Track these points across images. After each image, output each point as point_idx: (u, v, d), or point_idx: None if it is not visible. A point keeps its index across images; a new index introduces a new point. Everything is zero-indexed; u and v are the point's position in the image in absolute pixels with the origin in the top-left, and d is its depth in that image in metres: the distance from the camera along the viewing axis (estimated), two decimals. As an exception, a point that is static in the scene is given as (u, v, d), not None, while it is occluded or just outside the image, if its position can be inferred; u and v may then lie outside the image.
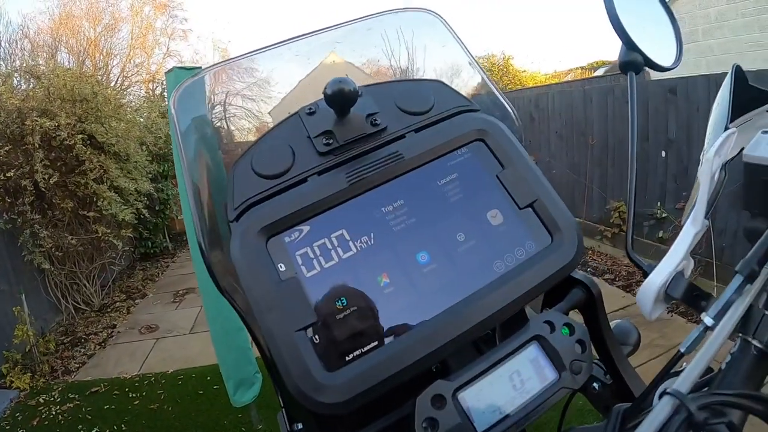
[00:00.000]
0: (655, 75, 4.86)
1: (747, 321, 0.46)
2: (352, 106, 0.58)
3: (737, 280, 0.46)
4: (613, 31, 0.78)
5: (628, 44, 0.77)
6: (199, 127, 0.70)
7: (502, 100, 0.69)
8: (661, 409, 0.41)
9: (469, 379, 0.49)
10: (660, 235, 4.75)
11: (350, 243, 0.53)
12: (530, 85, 13.10)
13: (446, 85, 0.67)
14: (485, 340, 0.61)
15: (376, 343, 0.49)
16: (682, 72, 5.59)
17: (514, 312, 0.52)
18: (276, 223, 0.53)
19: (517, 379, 0.50)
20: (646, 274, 0.57)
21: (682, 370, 0.49)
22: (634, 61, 0.77)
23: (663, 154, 4.74)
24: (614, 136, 5.46)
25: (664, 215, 4.73)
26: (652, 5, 0.92)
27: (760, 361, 0.46)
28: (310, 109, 0.62)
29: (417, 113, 0.63)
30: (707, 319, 0.46)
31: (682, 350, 0.47)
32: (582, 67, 17.41)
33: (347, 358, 0.48)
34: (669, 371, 0.48)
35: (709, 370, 0.52)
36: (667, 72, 0.85)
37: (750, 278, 0.46)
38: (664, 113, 4.74)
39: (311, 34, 0.71)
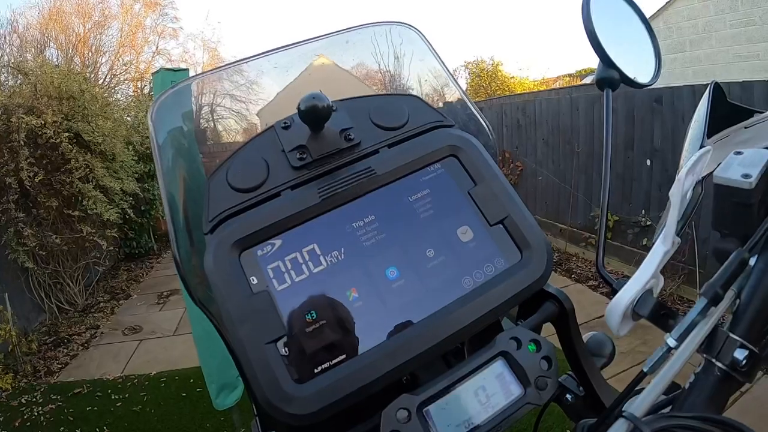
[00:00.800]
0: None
1: (711, 342, 0.47)
2: (325, 121, 0.59)
3: (701, 302, 0.46)
4: (591, 48, 0.78)
5: (606, 61, 0.78)
6: (178, 137, 0.70)
7: (477, 115, 0.70)
8: (616, 430, 0.42)
9: (434, 393, 0.50)
10: (644, 243, 4.79)
11: (321, 257, 0.53)
12: (518, 92, 13.14)
13: (421, 99, 0.67)
14: (455, 353, 0.62)
15: (344, 356, 0.49)
16: (668, 82, 5.63)
17: (483, 327, 0.53)
18: (249, 237, 0.53)
19: (483, 395, 0.50)
20: (614, 291, 0.58)
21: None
22: (610, 78, 0.78)
23: (648, 162, 4.79)
24: (600, 144, 5.48)
25: (648, 223, 4.78)
26: (632, 21, 0.92)
27: (723, 382, 0.46)
28: (285, 123, 0.62)
29: (391, 128, 0.63)
30: (670, 341, 0.46)
31: (645, 370, 0.47)
32: (570, 75, 17.50)
33: (316, 371, 0.49)
34: (633, 390, 0.49)
35: (676, 387, 0.53)
36: (640, 88, 0.85)
37: (714, 301, 0.46)
38: (649, 122, 4.79)
39: (290, 46, 0.71)
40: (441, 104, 0.73)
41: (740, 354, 0.45)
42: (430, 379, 0.51)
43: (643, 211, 4.84)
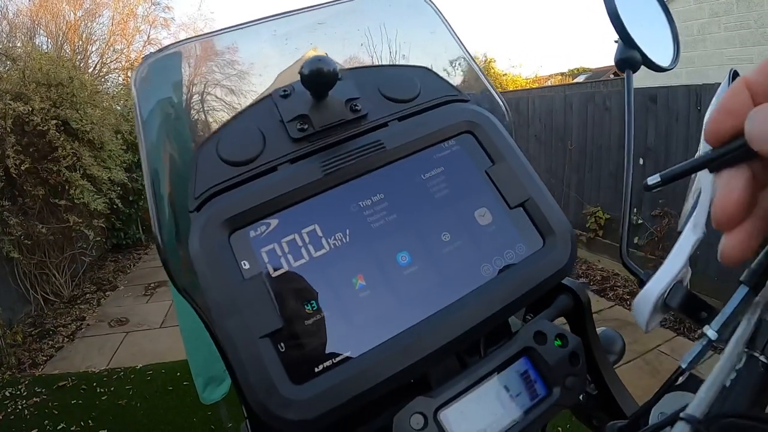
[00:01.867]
0: (636, 82, 4.95)
1: (754, 335, 0.43)
2: (330, 89, 0.53)
3: (742, 290, 0.43)
4: (612, 27, 0.76)
5: (627, 41, 0.76)
6: (165, 110, 0.65)
7: (493, 92, 0.66)
8: None
9: (452, 396, 0.45)
10: (635, 242, 4.81)
11: (323, 240, 0.48)
12: (511, 89, 13.21)
13: (433, 72, 0.63)
14: (469, 350, 0.57)
15: (349, 353, 0.44)
16: (662, 81, 5.64)
17: (502, 321, 0.49)
18: (241, 215, 0.48)
19: (505, 396, 0.46)
20: (642, 282, 0.54)
21: (678, 386, 0.46)
22: (631, 58, 0.76)
23: (641, 161, 4.81)
24: (593, 143, 5.53)
25: (639, 221, 4.80)
26: (650, 5, 0.91)
27: (766, 378, 0.42)
28: (284, 90, 0.57)
29: (401, 101, 0.59)
30: (710, 332, 0.43)
31: (683, 366, 0.44)
32: (563, 73, 17.62)
33: (316, 370, 0.44)
34: (669, 388, 0.45)
35: (699, 382, 0.49)
36: (660, 72, 0.84)
37: (755, 289, 0.43)
38: (643, 121, 4.81)
39: (293, 13, 0.66)
40: (456, 82, 0.68)
41: None
42: (442, 378, 0.47)
43: (635, 209, 4.85)
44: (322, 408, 0.42)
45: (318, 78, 0.51)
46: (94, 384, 3.93)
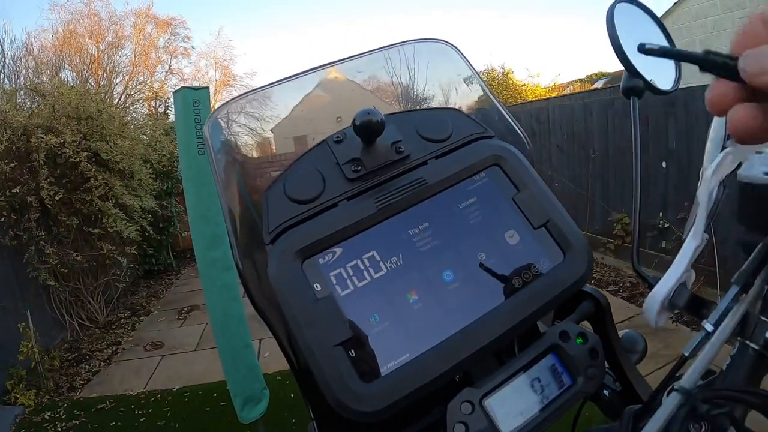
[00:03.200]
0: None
1: (744, 326, 0.50)
2: (378, 135, 0.62)
3: (733, 290, 0.50)
4: (617, 58, 0.82)
5: (631, 71, 0.82)
6: (228, 152, 0.74)
7: (514, 126, 0.73)
8: (669, 403, 0.46)
9: (494, 387, 0.53)
10: (663, 246, 4.77)
11: (381, 263, 0.56)
12: (530, 99, 13.10)
13: (462, 112, 0.71)
14: (505, 350, 0.65)
15: (407, 355, 0.52)
16: (681, 83, 5.58)
17: (532, 324, 0.56)
18: (310, 246, 0.56)
19: (537, 386, 0.54)
20: (651, 286, 0.61)
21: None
22: (636, 86, 0.81)
23: (663, 165, 4.78)
24: (615, 149, 5.51)
25: (666, 225, 4.75)
26: (652, 30, 0.95)
27: (758, 362, 0.49)
28: (337, 137, 0.66)
29: (437, 140, 0.67)
30: (707, 326, 0.50)
31: (686, 354, 0.50)
32: (581, 80, 17.44)
33: (381, 370, 0.51)
34: (675, 375, 0.52)
35: (711, 372, 0.56)
36: (663, 95, 0.89)
37: (745, 288, 0.50)
38: (663, 124, 4.80)
39: (333, 64, 0.75)
40: (481, 117, 0.75)
41: None
42: (483, 375, 0.55)
43: (661, 213, 4.82)
44: (387, 400, 0.49)
45: (368, 127, 0.60)
46: (132, 406, 4.00)
